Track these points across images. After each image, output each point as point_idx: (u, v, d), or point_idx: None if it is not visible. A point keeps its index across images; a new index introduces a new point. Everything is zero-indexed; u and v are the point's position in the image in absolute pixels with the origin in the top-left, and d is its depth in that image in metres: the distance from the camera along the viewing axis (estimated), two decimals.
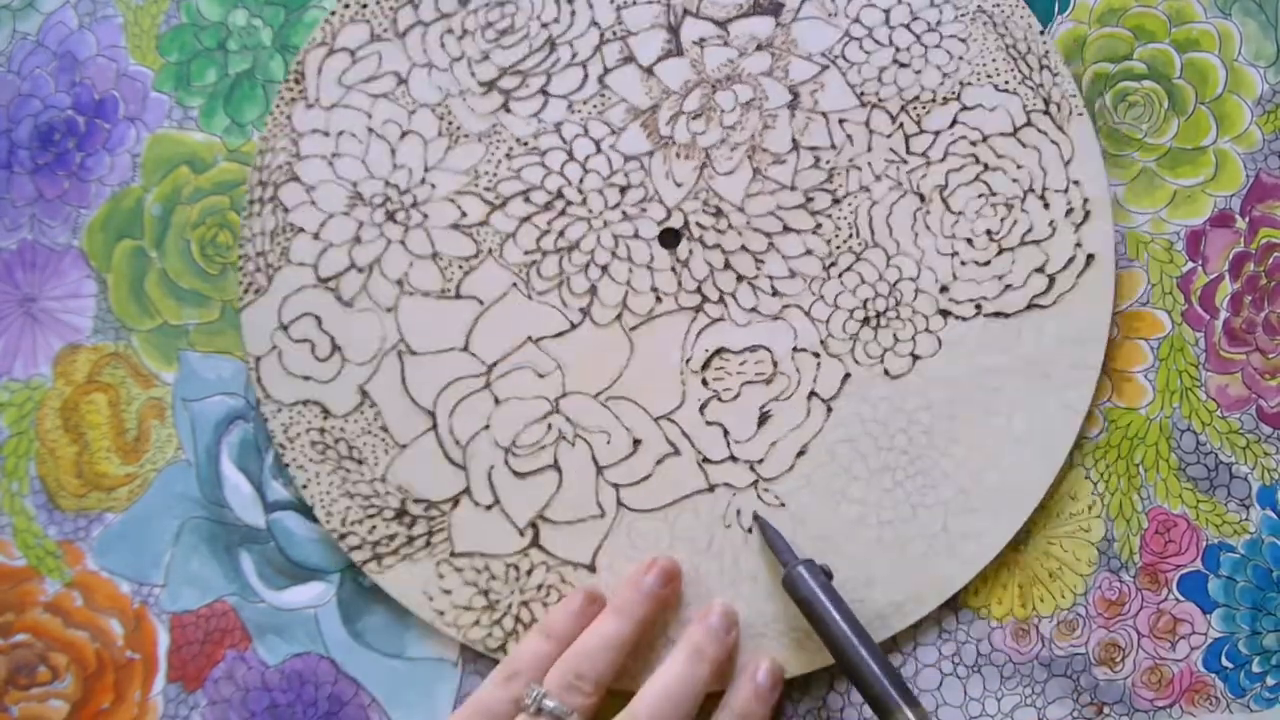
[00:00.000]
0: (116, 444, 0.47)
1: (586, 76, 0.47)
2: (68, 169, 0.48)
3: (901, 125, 0.46)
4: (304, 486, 0.45)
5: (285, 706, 0.46)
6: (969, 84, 0.47)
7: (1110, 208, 0.46)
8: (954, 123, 0.46)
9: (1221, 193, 0.48)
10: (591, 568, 0.45)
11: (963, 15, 0.47)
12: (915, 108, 0.46)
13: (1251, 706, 0.46)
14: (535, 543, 0.45)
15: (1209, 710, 0.46)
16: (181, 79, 0.49)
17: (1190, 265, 0.47)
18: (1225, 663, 0.46)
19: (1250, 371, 0.47)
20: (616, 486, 0.45)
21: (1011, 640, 0.46)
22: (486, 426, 0.45)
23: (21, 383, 0.48)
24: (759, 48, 0.46)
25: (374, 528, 0.45)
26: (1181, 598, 0.46)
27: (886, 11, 0.47)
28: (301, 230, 0.46)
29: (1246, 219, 0.48)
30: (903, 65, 0.47)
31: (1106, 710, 0.46)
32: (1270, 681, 0.46)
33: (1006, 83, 0.46)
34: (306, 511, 0.46)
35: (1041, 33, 0.47)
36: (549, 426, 0.45)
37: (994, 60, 0.47)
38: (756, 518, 0.45)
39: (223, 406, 0.47)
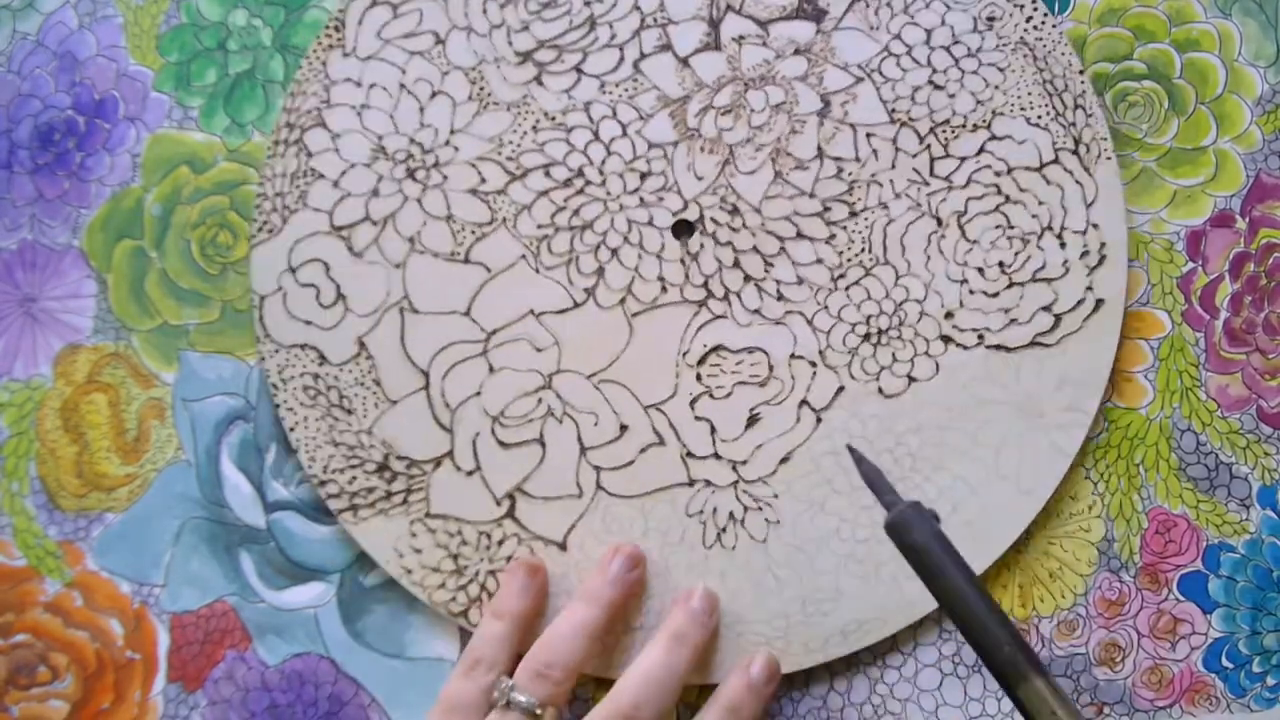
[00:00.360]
0: (116, 444, 0.47)
1: (622, 59, 0.47)
2: (68, 169, 0.48)
3: (928, 147, 0.46)
4: (291, 429, 0.46)
5: (285, 706, 0.46)
6: (1001, 114, 0.46)
7: (1126, 254, 0.46)
8: (981, 150, 0.46)
9: (1221, 193, 0.48)
10: (562, 546, 0.45)
11: (1004, 45, 0.47)
12: (944, 131, 0.46)
13: (1252, 706, 0.46)
14: (511, 514, 0.45)
15: (1209, 710, 0.46)
16: (181, 79, 0.49)
17: (1190, 265, 0.47)
18: (1225, 663, 0.46)
19: (1250, 372, 0.47)
20: (598, 469, 0.45)
21: None
22: (478, 393, 0.45)
23: (21, 383, 0.48)
24: (797, 52, 0.46)
25: (354, 479, 0.45)
26: (1181, 598, 0.46)
27: (929, 32, 0.47)
28: (322, 177, 0.46)
29: (1246, 219, 0.48)
30: (938, 87, 0.46)
31: (1107, 710, 0.46)
32: (1270, 681, 0.46)
33: (1039, 117, 0.46)
34: (307, 512, 0.46)
35: (1081, 72, 0.46)
36: (539, 401, 0.45)
37: (1029, 93, 0.46)
38: (852, 450, 0.44)
39: (223, 406, 0.47)
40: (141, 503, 0.47)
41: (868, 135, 0.46)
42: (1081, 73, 0.46)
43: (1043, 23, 0.47)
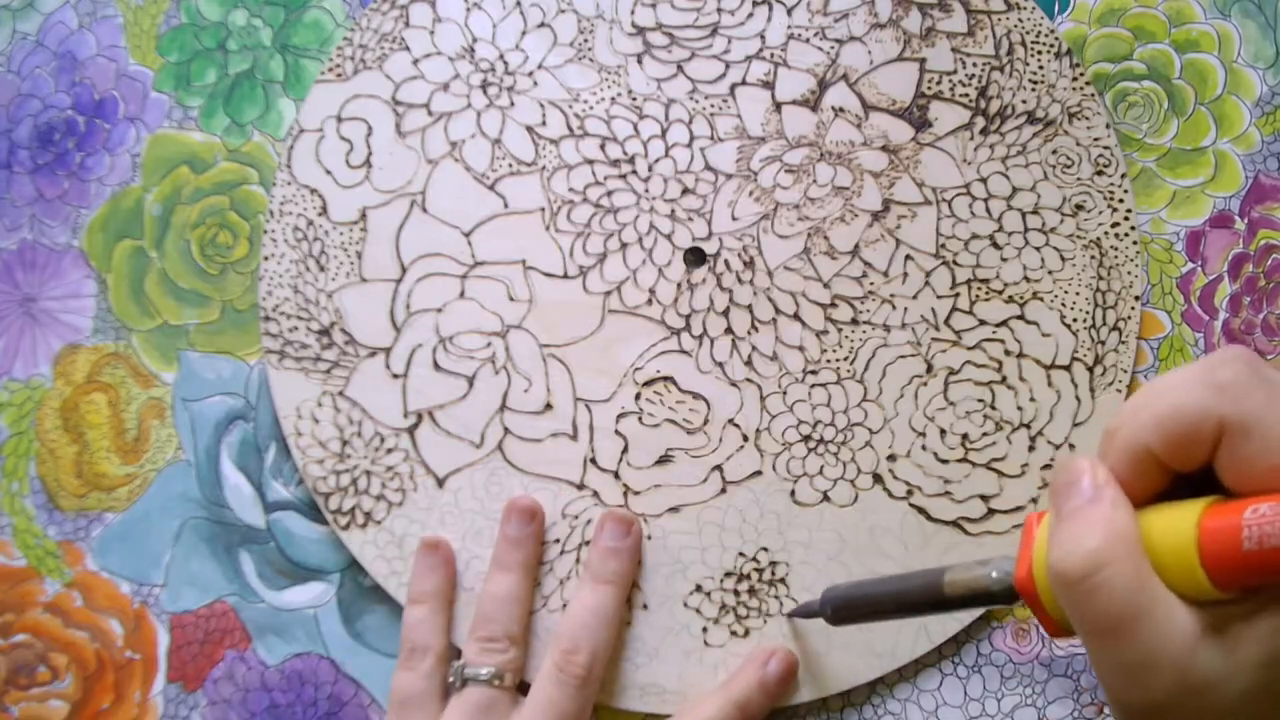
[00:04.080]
0: (116, 444, 0.47)
1: (723, 76, 0.47)
2: (68, 169, 0.48)
3: (957, 295, 0.46)
4: (266, 258, 0.46)
5: (285, 707, 0.46)
6: (1041, 299, 0.45)
7: None
8: (1003, 324, 0.45)
9: (1221, 194, 0.48)
10: (440, 483, 0.45)
11: (1079, 237, 0.46)
12: (980, 288, 0.45)
13: None
14: (411, 431, 0.45)
15: None
16: (181, 79, 0.49)
17: (1190, 266, 0.48)
18: None
19: None
20: (507, 431, 0.45)
21: (1011, 640, 0.46)
22: (439, 310, 0.46)
23: (21, 383, 0.48)
24: (884, 148, 0.46)
25: (295, 328, 0.46)
26: None
27: (1015, 189, 0.46)
28: (407, 49, 0.47)
29: (1245, 220, 0.48)
30: (995, 245, 0.46)
31: (1106, 710, 0.46)
32: None
33: (1074, 320, 0.45)
34: (306, 511, 0.46)
35: (1137, 299, 0.46)
36: (489, 344, 0.46)
37: (1079, 294, 0.46)
38: (791, 615, 0.44)
39: (223, 406, 0.47)
40: (141, 503, 0.47)
41: (907, 256, 0.46)
42: (1137, 299, 0.46)
43: (1125, 235, 0.46)
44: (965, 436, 0.45)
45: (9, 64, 0.49)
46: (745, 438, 0.45)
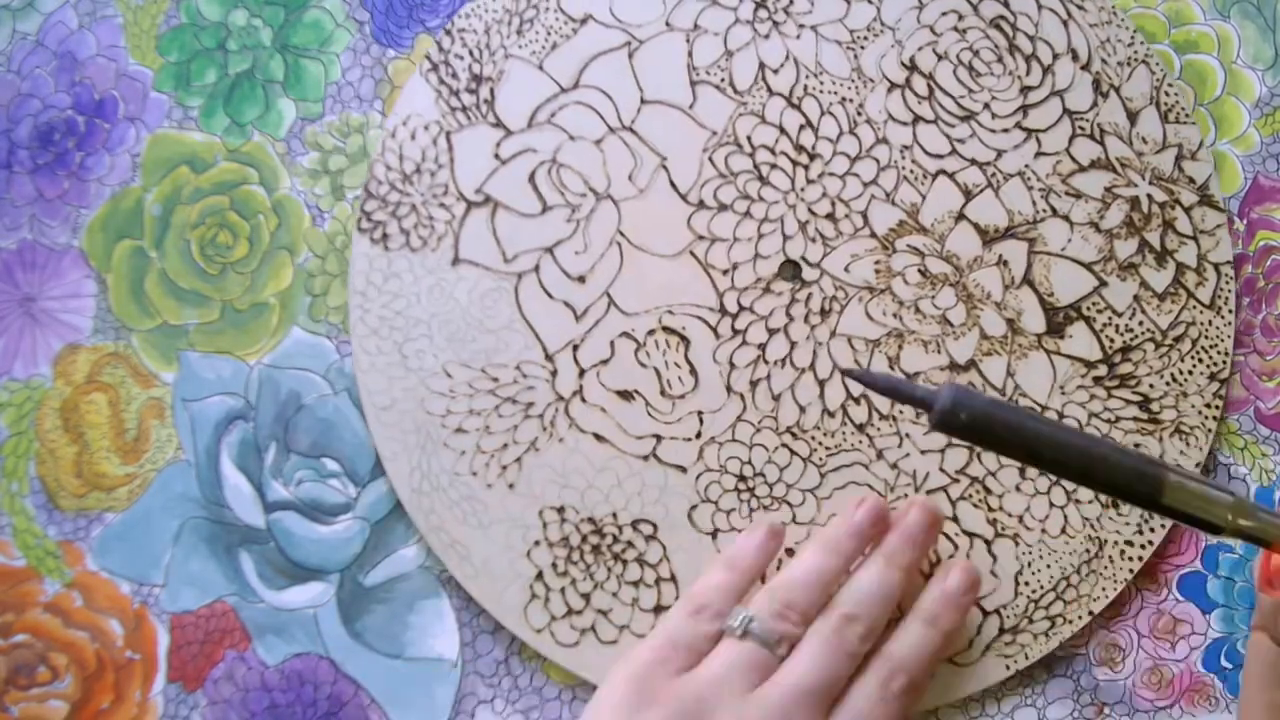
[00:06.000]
0: (116, 444, 0.47)
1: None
2: (68, 169, 0.48)
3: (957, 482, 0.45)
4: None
5: (285, 706, 0.46)
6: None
7: None
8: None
9: (1220, 195, 0.48)
10: (454, 262, 0.46)
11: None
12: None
13: None
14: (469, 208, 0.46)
15: (1209, 710, 0.46)
16: (181, 79, 0.49)
17: None
18: (1225, 663, 0.46)
19: (1248, 373, 0.47)
20: (537, 269, 0.46)
21: None
22: (570, 135, 0.47)
23: (21, 383, 0.48)
24: (1010, 322, 0.46)
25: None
26: (1181, 598, 0.46)
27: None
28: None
29: (1244, 221, 0.48)
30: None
31: (1107, 711, 0.46)
32: None
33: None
34: (306, 511, 0.46)
35: None
36: (584, 195, 0.46)
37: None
38: (850, 372, 0.39)
39: (222, 406, 0.47)
40: (141, 503, 0.47)
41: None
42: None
43: None
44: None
45: (9, 64, 0.49)
46: (698, 435, 0.45)
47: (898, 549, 0.43)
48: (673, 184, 0.46)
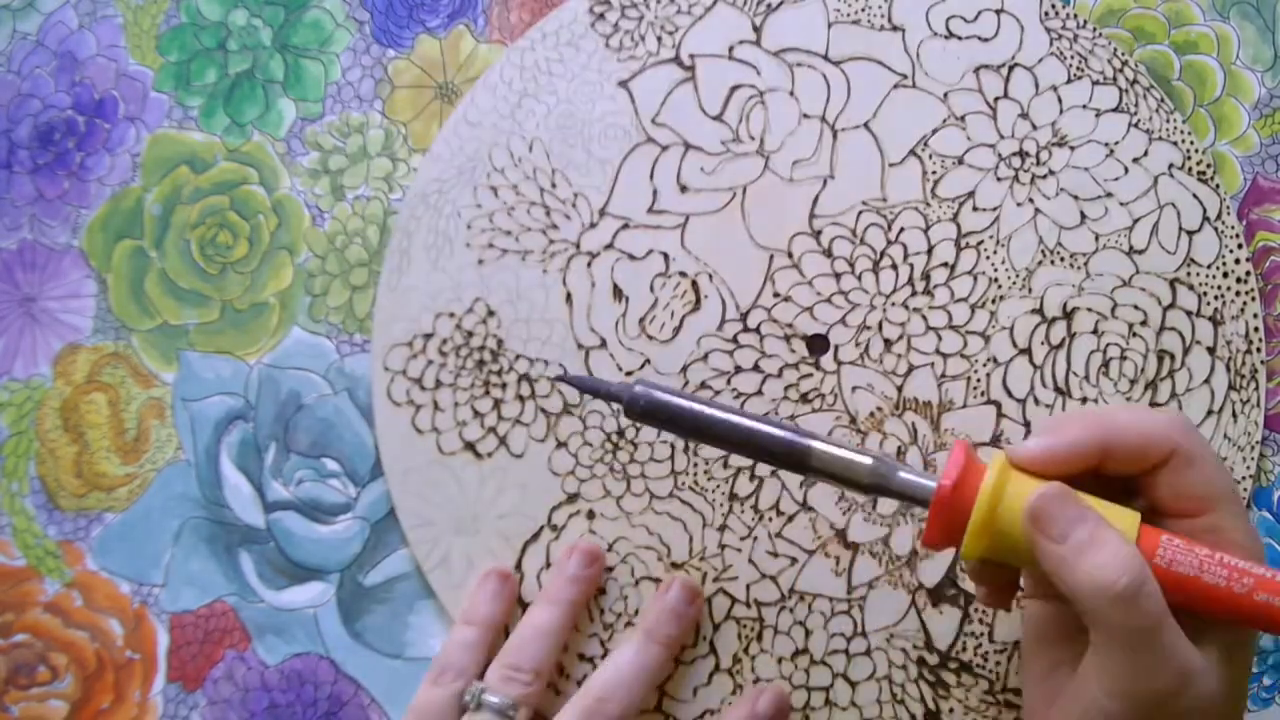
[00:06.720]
0: (116, 444, 0.47)
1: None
2: (68, 169, 0.48)
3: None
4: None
5: (285, 706, 0.46)
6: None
7: None
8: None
9: None
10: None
11: None
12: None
13: (1249, 707, 0.46)
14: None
15: None
16: (181, 79, 0.49)
17: None
18: None
19: None
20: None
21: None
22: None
23: (21, 383, 0.48)
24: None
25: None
26: None
27: None
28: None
29: (1244, 222, 0.48)
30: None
31: None
32: (1266, 681, 0.46)
33: None
34: (306, 511, 0.46)
35: None
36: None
37: None
38: (559, 379, 0.42)
39: (222, 406, 0.47)
40: (141, 502, 0.47)
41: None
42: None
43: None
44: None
45: (9, 64, 0.49)
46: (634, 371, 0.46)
47: (656, 623, 0.43)
48: (814, 204, 0.46)
